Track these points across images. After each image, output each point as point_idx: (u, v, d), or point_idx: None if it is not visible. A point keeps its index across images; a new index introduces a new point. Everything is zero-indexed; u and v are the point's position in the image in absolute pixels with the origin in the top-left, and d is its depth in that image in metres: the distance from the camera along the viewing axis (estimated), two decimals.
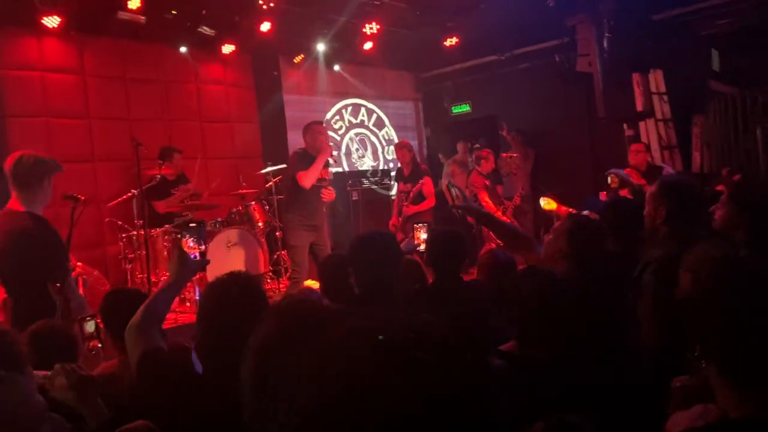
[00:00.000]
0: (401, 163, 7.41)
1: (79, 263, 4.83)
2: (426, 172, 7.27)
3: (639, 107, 7.86)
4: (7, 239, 3.09)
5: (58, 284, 3.25)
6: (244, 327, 1.30)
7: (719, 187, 5.42)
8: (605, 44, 7.38)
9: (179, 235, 2.51)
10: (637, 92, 7.84)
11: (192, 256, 2.42)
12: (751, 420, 1.12)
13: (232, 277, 1.93)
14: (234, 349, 1.17)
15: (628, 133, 7.79)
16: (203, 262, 2.40)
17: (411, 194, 7.08)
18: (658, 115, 7.89)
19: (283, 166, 6.32)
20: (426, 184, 7.04)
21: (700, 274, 1.29)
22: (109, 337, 2.75)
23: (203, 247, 2.43)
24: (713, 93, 7.24)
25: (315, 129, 5.67)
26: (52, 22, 5.98)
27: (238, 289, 1.88)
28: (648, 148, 7.07)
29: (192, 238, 2.43)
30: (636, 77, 7.80)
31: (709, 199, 3.52)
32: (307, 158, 5.52)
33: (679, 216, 2.62)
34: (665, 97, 7.90)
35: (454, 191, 3.35)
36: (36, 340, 2.39)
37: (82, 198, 3.51)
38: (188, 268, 2.36)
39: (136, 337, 2.04)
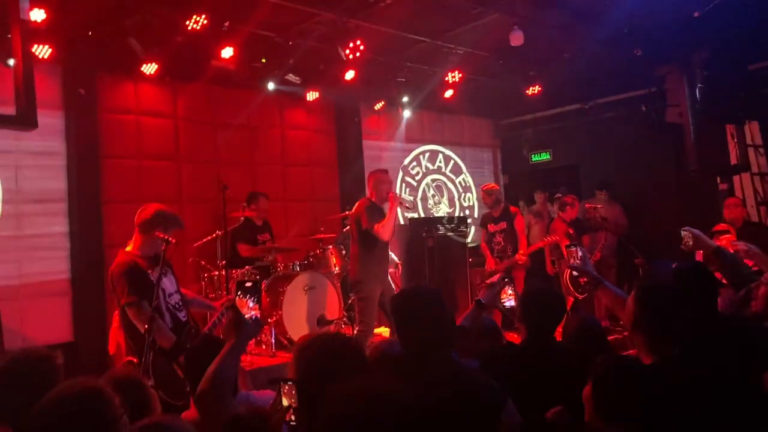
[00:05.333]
0: (487, 205, 7.28)
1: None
2: (516, 212, 7.15)
3: (733, 160, 7.48)
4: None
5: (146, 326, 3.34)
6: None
7: None
8: (698, 95, 7.08)
9: (237, 296, 2.48)
10: (731, 144, 7.48)
11: (251, 317, 2.42)
12: None
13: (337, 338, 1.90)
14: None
15: (722, 187, 7.40)
16: (260, 324, 2.41)
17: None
18: (754, 169, 7.49)
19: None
20: (519, 221, 6.92)
21: None
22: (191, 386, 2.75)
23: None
24: None
25: (378, 178, 5.64)
26: (150, 69, 6.29)
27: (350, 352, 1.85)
28: (744, 202, 6.68)
29: (251, 299, 2.44)
30: (730, 129, 7.45)
31: None
32: (374, 209, 5.47)
33: None
34: (762, 150, 7.51)
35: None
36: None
37: (173, 240, 3.60)
38: (246, 331, 2.38)
39: (212, 405, 2.03)
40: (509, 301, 3.70)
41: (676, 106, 7.24)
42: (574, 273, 3.39)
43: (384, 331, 6.89)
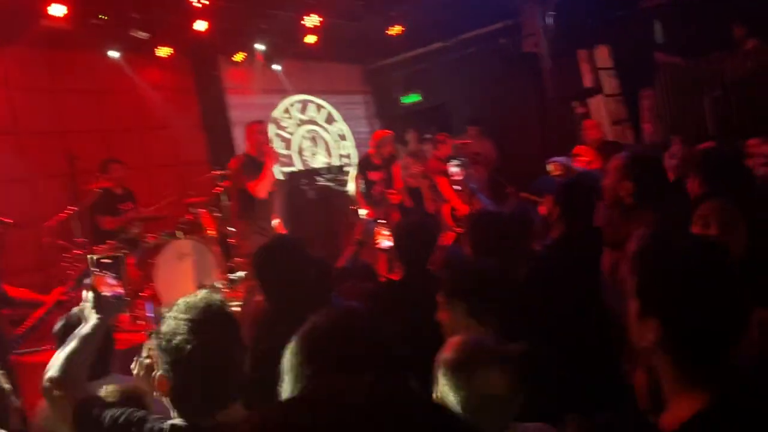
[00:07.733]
0: (383, 155, 7.01)
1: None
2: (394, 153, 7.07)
3: (587, 84, 7.85)
4: None
5: None
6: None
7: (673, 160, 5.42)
8: (549, 23, 7.32)
9: (94, 273, 2.21)
10: (585, 69, 7.84)
11: (114, 295, 2.19)
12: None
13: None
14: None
15: (579, 110, 7.77)
16: (123, 302, 2.15)
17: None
18: (607, 91, 7.90)
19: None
20: (396, 165, 6.84)
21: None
22: None
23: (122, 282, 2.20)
24: (659, 65, 7.26)
25: (253, 129, 5.42)
26: None
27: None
28: (600, 124, 7.05)
29: (111, 275, 2.19)
30: (582, 54, 7.78)
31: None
32: (252, 164, 5.25)
33: (647, 190, 2.49)
34: (612, 72, 7.92)
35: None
36: None
37: (9, 221, 3.21)
38: (107, 311, 2.14)
39: (64, 394, 1.83)
40: (387, 242, 3.68)
41: (532, 36, 7.45)
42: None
43: None
